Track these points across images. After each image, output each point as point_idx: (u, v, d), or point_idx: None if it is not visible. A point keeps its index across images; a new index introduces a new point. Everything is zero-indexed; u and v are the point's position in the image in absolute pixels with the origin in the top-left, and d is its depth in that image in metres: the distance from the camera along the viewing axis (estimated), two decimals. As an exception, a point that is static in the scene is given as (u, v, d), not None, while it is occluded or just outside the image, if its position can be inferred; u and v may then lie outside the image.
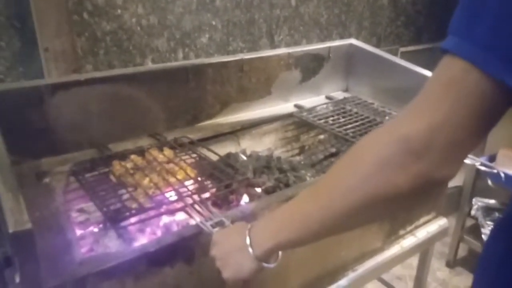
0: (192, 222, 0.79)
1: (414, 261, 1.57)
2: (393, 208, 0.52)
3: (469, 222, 2.05)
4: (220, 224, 0.76)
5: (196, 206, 0.85)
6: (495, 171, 1.09)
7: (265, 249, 0.61)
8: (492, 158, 1.81)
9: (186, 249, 0.77)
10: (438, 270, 2.07)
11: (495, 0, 0.42)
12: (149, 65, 1.60)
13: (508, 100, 0.44)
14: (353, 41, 1.62)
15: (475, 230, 1.99)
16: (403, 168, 0.47)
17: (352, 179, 0.51)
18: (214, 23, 1.77)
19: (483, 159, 1.24)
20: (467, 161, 1.15)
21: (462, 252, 2.12)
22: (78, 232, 0.89)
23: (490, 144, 1.85)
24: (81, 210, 0.95)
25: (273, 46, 1.96)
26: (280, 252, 0.64)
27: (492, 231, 0.63)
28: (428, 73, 1.43)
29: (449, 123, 0.45)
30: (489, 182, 1.16)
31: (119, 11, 1.54)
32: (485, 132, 0.47)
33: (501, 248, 0.59)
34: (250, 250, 0.61)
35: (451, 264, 2.08)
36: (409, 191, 0.48)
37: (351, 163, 0.53)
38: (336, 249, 1.08)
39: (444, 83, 0.46)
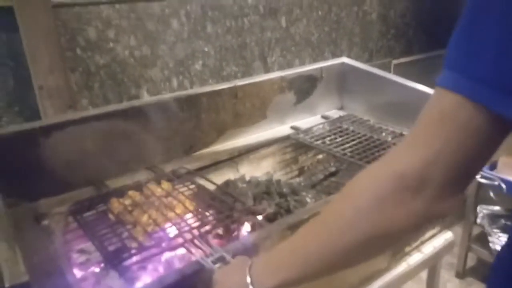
0: (193, 258, 0.77)
1: (423, 274, 1.55)
2: (392, 243, 0.51)
3: (476, 231, 2.02)
4: (221, 259, 0.74)
5: (196, 241, 0.84)
6: (496, 183, 1.08)
7: None
8: (493, 166, 1.81)
9: (188, 287, 0.76)
10: (448, 281, 2.04)
11: (496, 35, 0.41)
12: (143, 99, 1.61)
13: (504, 132, 0.44)
14: (344, 59, 1.63)
15: (483, 239, 1.97)
16: (401, 205, 0.46)
17: (349, 216, 0.51)
18: (206, 49, 1.79)
19: (484, 168, 1.24)
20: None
21: (470, 261, 2.09)
22: (79, 273, 0.88)
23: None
24: (81, 251, 0.94)
25: (266, 68, 1.98)
26: None
27: (503, 247, 0.62)
28: (420, 86, 1.43)
29: (443, 160, 0.44)
30: (491, 194, 1.15)
31: (111, 44, 1.55)
32: (481, 165, 0.46)
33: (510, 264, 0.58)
34: None
35: (461, 274, 2.05)
36: (407, 227, 0.47)
37: (348, 200, 0.52)
38: (342, 272, 1.07)
39: (436, 117, 0.45)
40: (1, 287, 0.58)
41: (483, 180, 1.09)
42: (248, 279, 0.61)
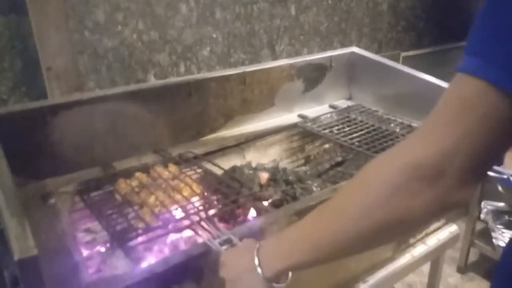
0: (200, 240, 0.78)
1: (425, 267, 1.55)
2: (406, 231, 0.52)
3: (479, 226, 2.02)
4: (228, 241, 0.74)
5: (203, 224, 0.83)
6: (505, 176, 1.07)
7: (275, 271, 0.60)
8: (500, 161, 1.80)
9: (195, 268, 0.76)
10: (449, 276, 2.04)
11: None
12: (151, 82, 1.61)
13: None
14: (354, 49, 1.61)
15: (486, 234, 1.96)
16: (416, 194, 0.46)
17: (364, 204, 0.50)
18: (215, 35, 1.77)
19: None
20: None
21: (473, 257, 2.09)
22: (85, 252, 0.88)
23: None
24: (87, 230, 0.95)
25: (274, 56, 1.97)
26: (290, 272, 0.63)
27: (509, 242, 0.62)
28: (430, 78, 1.42)
29: (464, 149, 0.43)
30: (499, 187, 1.15)
31: (119, 27, 1.55)
32: (501, 154, 0.45)
33: None
34: (259, 271, 0.60)
35: (463, 269, 2.04)
36: (423, 216, 0.47)
37: (361, 188, 0.52)
38: (347, 261, 1.07)
39: (456, 106, 0.44)
40: (11, 260, 0.59)
41: (492, 173, 1.08)
42: (256, 261, 0.61)
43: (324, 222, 0.56)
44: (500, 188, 1.14)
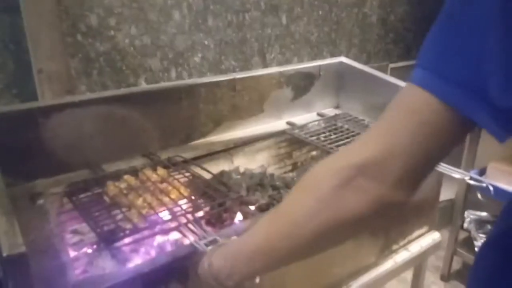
0: (186, 241, 0.79)
1: (408, 275, 1.58)
2: (355, 230, 0.53)
3: (462, 235, 2.06)
4: (214, 242, 0.76)
5: (190, 226, 0.85)
6: (484, 185, 1.11)
7: (235, 281, 0.61)
8: (482, 172, 1.84)
9: (181, 269, 0.78)
10: (432, 284, 2.07)
11: (465, 36, 0.42)
12: (142, 86, 1.62)
13: (465, 132, 0.46)
14: (343, 59, 1.65)
15: (468, 243, 2.00)
16: (361, 191, 0.48)
17: (310, 206, 0.51)
18: (206, 42, 1.80)
19: (473, 173, 1.26)
20: (457, 175, 1.17)
21: (456, 265, 2.13)
22: (72, 253, 0.89)
23: (481, 158, 1.87)
24: (75, 232, 0.95)
25: (265, 64, 2.00)
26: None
27: (482, 245, 0.64)
28: (416, 89, 1.45)
29: (405, 150, 0.46)
30: (479, 195, 1.18)
31: (112, 32, 1.56)
32: (439, 160, 0.48)
33: (489, 263, 0.60)
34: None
35: (446, 277, 2.08)
36: (366, 214, 0.49)
37: (308, 190, 0.53)
38: (330, 266, 1.09)
39: (404, 111, 0.47)
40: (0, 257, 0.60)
41: (471, 182, 1.12)
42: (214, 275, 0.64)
43: (276, 228, 0.57)
44: (480, 197, 1.17)
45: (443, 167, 1.19)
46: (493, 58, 0.40)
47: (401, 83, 1.50)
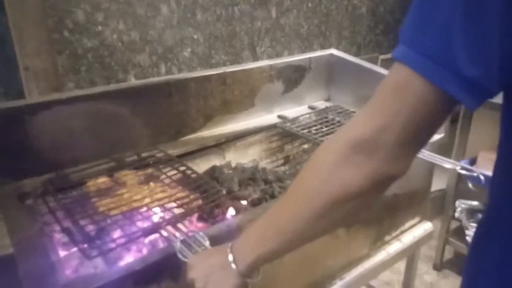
0: (174, 239, 0.78)
1: (401, 265, 1.59)
2: (354, 206, 0.54)
3: (454, 225, 2.08)
4: (203, 239, 0.76)
5: (181, 223, 0.85)
6: (475, 174, 1.11)
7: (247, 264, 0.62)
8: (473, 161, 1.85)
9: (172, 266, 0.77)
10: (425, 273, 2.09)
11: (436, 14, 0.45)
12: (131, 81, 1.60)
13: (448, 106, 0.48)
14: (333, 51, 1.64)
15: (460, 232, 2.02)
16: (357, 167, 0.51)
17: (314, 185, 0.54)
18: (196, 37, 1.78)
19: (463, 162, 1.27)
20: (448, 165, 1.18)
21: (448, 254, 2.15)
22: (62, 253, 0.88)
23: (471, 147, 1.89)
24: (64, 231, 0.94)
25: (255, 58, 1.99)
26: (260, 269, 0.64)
27: (474, 235, 0.65)
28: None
29: (395, 125, 0.48)
30: (470, 185, 1.19)
31: (100, 27, 1.54)
32: (429, 133, 0.51)
33: (484, 251, 0.60)
34: (234, 266, 0.62)
35: (438, 267, 2.10)
36: (365, 188, 0.51)
37: (312, 168, 0.56)
38: (323, 258, 1.09)
39: (390, 88, 0.49)
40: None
41: (462, 171, 1.12)
42: (231, 257, 0.62)
43: (284, 207, 0.60)
44: (470, 186, 1.18)
45: (434, 158, 1.19)
46: (459, 30, 0.43)
47: (392, 75, 1.50)
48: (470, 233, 1.96)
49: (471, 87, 0.45)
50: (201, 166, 1.22)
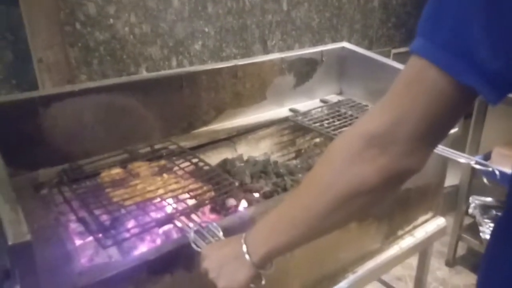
0: (188, 229, 0.78)
1: (413, 261, 1.58)
2: (367, 201, 0.53)
3: (467, 221, 2.05)
4: (217, 230, 0.76)
5: (194, 214, 0.84)
6: (490, 169, 1.10)
7: (260, 255, 0.61)
8: (487, 157, 1.83)
9: (186, 256, 0.77)
10: (437, 269, 2.07)
11: (455, 4, 0.44)
12: (143, 74, 1.61)
13: (466, 99, 0.46)
14: (345, 44, 1.63)
15: (473, 228, 2.00)
16: (371, 161, 0.50)
17: (327, 178, 0.54)
18: (207, 29, 1.78)
19: (478, 158, 1.25)
20: (462, 160, 1.16)
21: (461, 250, 2.13)
22: (78, 242, 0.89)
23: (485, 143, 1.86)
24: (80, 220, 0.95)
25: (266, 51, 1.98)
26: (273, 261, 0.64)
27: (493, 232, 0.63)
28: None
29: (410, 118, 0.47)
30: (485, 180, 1.17)
31: (111, 20, 1.54)
32: (446, 128, 0.49)
33: (501, 249, 0.59)
34: (247, 257, 0.61)
35: (451, 263, 2.08)
36: (378, 183, 0.50)
37: (326, 162, 0.56)
38: (335, 251, 1.09)
39: (406, 81, 0.48)
40: (4, 245, 0.59)
41: (477, 166, 1.11)
42: (244, 248, 0.62)
43: (298, 200, 0.59)
44: (485, 181, 1.16)
45: (448, 152, 1.18)
46: (479, 24, 0.42)
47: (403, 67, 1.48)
48: (484, 229, 1.94)
49: (492, 79, 0.43)
50: (212, 159, 1.22)
